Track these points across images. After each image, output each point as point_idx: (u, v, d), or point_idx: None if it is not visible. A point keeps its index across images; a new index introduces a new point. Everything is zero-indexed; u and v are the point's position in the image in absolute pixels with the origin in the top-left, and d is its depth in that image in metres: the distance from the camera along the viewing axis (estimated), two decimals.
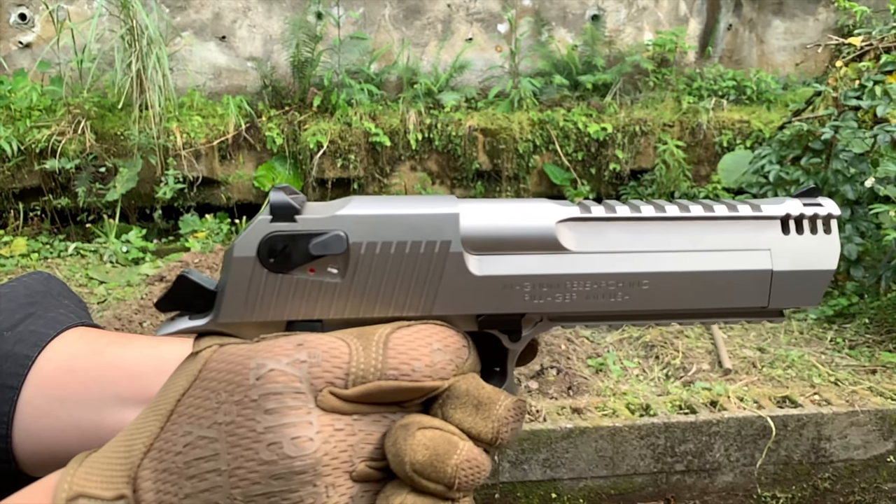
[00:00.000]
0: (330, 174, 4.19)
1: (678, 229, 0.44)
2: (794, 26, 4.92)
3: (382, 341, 0.38)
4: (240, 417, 0.36)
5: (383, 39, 4.58)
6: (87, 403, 0.54)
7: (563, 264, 0.42)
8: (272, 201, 0.39)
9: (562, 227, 0.43)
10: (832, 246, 0.45)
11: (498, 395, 0.39)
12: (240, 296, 0.40)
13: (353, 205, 0.41)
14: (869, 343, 2.73)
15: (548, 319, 0.44)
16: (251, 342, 0.38)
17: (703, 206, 0.44)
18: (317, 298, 0.40)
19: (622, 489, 2.17)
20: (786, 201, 0.45)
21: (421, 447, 0.37)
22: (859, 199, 2.95)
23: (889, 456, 2.24)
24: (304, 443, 0.36)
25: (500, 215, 0.42)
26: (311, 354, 0.37)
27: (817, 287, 0.45)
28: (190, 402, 0.37)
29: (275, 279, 0.40)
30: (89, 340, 0.57)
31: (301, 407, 0.36)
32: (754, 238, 0.44)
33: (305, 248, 0.39)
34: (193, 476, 0.36)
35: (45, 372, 0.54)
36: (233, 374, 0.37)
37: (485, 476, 0.38)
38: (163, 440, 0.37)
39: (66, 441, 0.53)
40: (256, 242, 0.39)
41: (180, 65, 4.33)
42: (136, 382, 0.54)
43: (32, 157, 3.88)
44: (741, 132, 4.31)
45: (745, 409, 2.21)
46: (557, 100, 4.44)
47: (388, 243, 0.40)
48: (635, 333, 2.81)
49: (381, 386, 0.37)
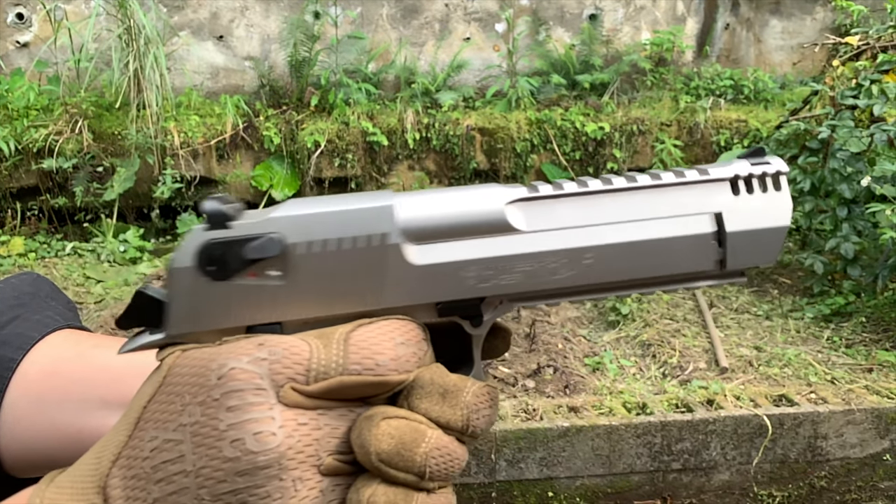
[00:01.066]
0: (327, 173, 4.19)
1: (627, 200, 0.44)
2: (791, 26, 4.92)
3: (343, 338, 0.38)
4: (203, 417, 0.36)
5: (381, 39, 4.58)
6: (69, 406, 0.54)
7: (510, 245, 0.43)
8: (205, 210, 0.40)
9: (511, 208, 0.43)
10: (784, 202, 0.45)
11: (464, 382, 0.39)
12: (184, 306, 0.40)
13: (287, 206, 0.41)
14: (865, 342, 2.73)
15: (507, 301, 0.44)
16: (213, 345, 0.39)
17: (651, 175, 0.45)
18: (262, 302, 0.40)
19: (619, 488, 2.17)
20: (733, 163, 0.45)
21: (386, 436, 0.37)
22: (856, 198, 2.96)
23: (885, 454, 2.25)
24: (267, 437, 0.36)
25: (443, 204, 0.42)
26: (271, 352, 0.37)
27: (773, 244, 0.45)
28: (155, 407, 0.37)
29: (217, 287, 0.40)
30: (74, 343, 0.57)
31: (263, 403, 0.36)
32: (705, 202, 0.44)
33: (241, 253, 0.39)
34: (161, 479, 0.36)
35: (29, 375, 0.54)
36: (196, 377, 0.37)
37: (461, 465, 0.38)
38: (130, 447, 0.37)
39: (49, 443, 0.53)
40: (193, 252, 0.39)
41: (178, 64, 4.33)
42: (119, 386, 0.54)
43: (30, 156, 3.87)
44: (739, 131, 4.31)
45: (741, 407, 2.21)
46: (555, 99, 4.44)
47: (325, 241, 0.40)
48: (632, 332, 2.81)
49: (343, 381, 0.37)
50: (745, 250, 0.45)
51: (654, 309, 2.99)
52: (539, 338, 2.70)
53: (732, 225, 0.44)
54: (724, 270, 0.45)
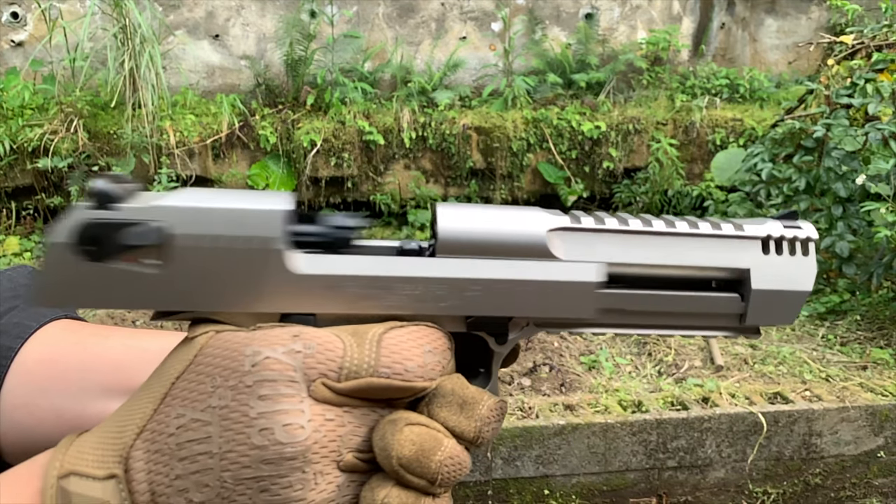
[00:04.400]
0: (324, 173, 4.19)
1: (664, 244, 0.45)
2: (786, 25, 4.93)
3: (376, 339, 0.39)
4: (234, 402, 0.36)
5: (377, 38, 4.58)
6: (68, 393, 0.54)
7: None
8: (91, 188, 0.39)
9: (552, 235, 0.44)
10: (809, 268, 0.46)
11: (482, 396, 0.40)
12: (53, 281, 0.39)
13: (179, 196, 0.40)
14: (860, 340, 2.74)
15: (534, 325, 0.45)
16: (247, 330, 0.39)
17: (689, 222, 0.45)
18: (136, 288, 0.40)
19: (614, 485, 2.17)
20: (767, 222, 0.46)
21: (408, 442, 0.38)
22: (851, 196, 2.97)
23: (879, 451, 2.26)
24: (296, 430, 0.36)
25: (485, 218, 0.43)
26: (306, 346, 0.38)
27: (793, 306, 0.46)
28: (184, 385, 0.38)
29: (90, 267, 0.39)
30: (72, 332, 0.58)
31: (294, 395, 0.37)
32: (736, 256, 0.45)
33: (119, 237, 0.39)
34: (185, 458, 0.36)
35: (27, 363, 0.54)
36: (229, 360, 0.37)
37: (465, 473, 0.40)
38: (156, 422, 0.38)
39: (48, 431, 0.54)
40: (71, 229, 0.39)
41: (173, 63, 4.32)
42: (118, 373, 0.54)
43: (25, 155, 3.86)
44: (734, 130, 4.32)
45: (736, 405, 2.22)
46: (551, 98, 4.44)
47: (208, 237, 0.39)
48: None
49: (373, 382, 0.38)
50: (765, 309, 0.46)
51: None
52: (535, 336, 2.71)
53: (758, 283, 0.45)
54: (742, 325, 0.46)
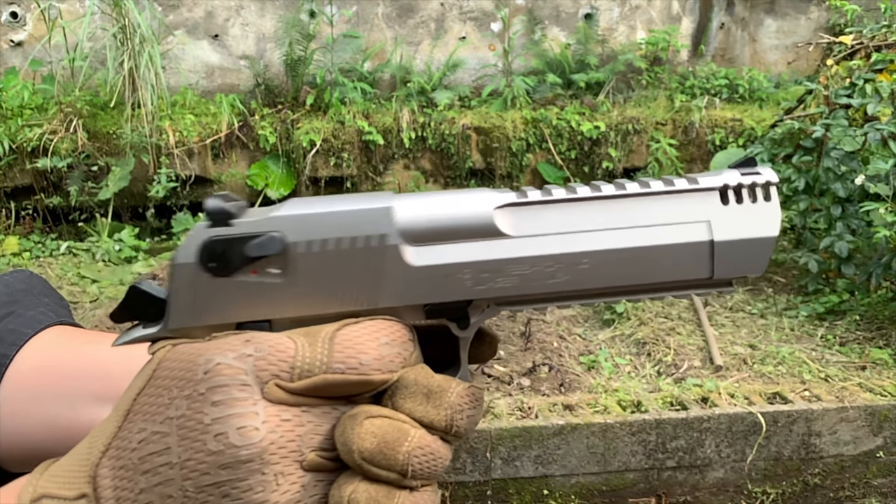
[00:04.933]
0: (323, 173, 4.19)
1: (616, 207, 0.44)
2: (786, 25, 4.93)
3: (328, 337, 0.39)
4: (189, 411, 0.37)
5: (376, 38, 4.58)
6: (61, 400, 0.54)
7: (503, 249, 0.43)
8: (208, 207, 0.40)
9: (499, 213, 0.43)
10: (773, 213, 0.45)
11: (449, 383, 0.40)
12: (185, 301, 0.41)
13: (289, 206, 0.42)
14: (859, 340, 2.74)
15: (494, 304, 0.45)
16: (202, 341, 0.39)
17: (640, 182, 0.45)
18: (262, 299, 0.41)
19: (614, 485, 2.18)
20: (723, 172, 0.45)
21: (368, 435, 0.37)
22: (850, 196, 2.97)
23: (878, 451, 2.26)
24: (250, 432, 0.36)
25: (437, 206, 0.43)
26: (256, 349, 0.38)
27: (761, 254, 0.45)
28: (144, 400, 0.38)
29: (217, 283, 0.41)
30: (66, 339, 0.58)
31: (247, 398, 0.37)
32: (693, 210, 0.44)
33: (243, 250, 0.40)
34: (147, 471, 0.37)
35: (21, 370, 0.55)
36: (184, 371, 0.38)
37: (444, 464, 0.39)
38: (119, 438, 0.38)
39: (42, 438, 0.54)
40: (196, 248, 0.40)
41: (173, 63, 4.32)
42: (111, 381, 0.54)
43: (24, 155, 3.86)
44: (733, 130, 4.32)
45: (735, 405, 2.22)
46: (550, 98, 4.44)
47: (325, 240, 0.41)
48: (627, 331, 2.82)
49: (327, 379, 0.38)
50: (733, 260, 0.45)
51: (649, 307, 3.00)
52: (534, 336, 2.71)
53: (721, 234, 0.44)
54: (712, 279, 0.45)
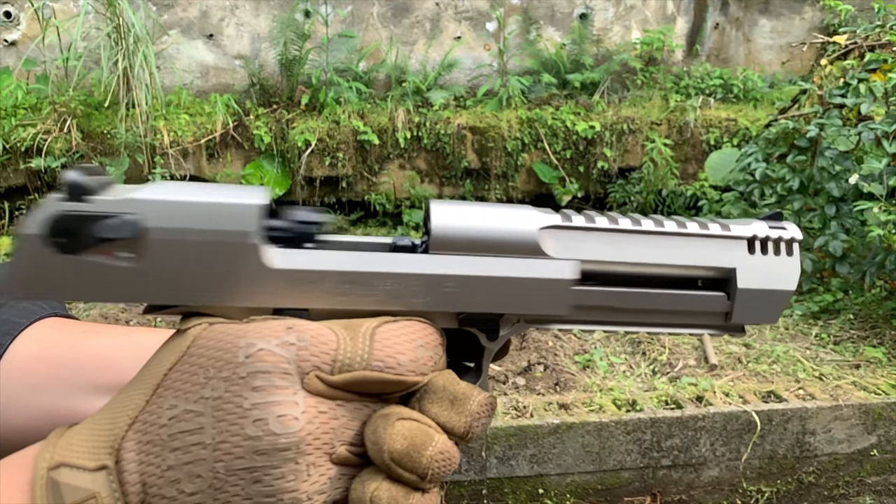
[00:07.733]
0: (318, 172, 4.19)
1: (652, 243, 0.45)
2: (780, 25, 4.95)
3: (369, 333, 0.39)
4: (227, 393, 0.37)
5: (371, 38, 4.58)
6: (59, 391, 0.54)
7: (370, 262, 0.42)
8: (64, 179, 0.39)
9: (544, 233, 0.44)
10: (793, 268, 0.47)
11: (472, 392, 0.41)
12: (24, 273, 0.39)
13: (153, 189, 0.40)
14: (853, 338, 2.75)
15: (524, 321, 0.46)
16: (241, 322, 0.39)
17: (677, 222, 0.46)
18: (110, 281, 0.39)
19: (609, 484, 2.18)
20: (753, 223, 0.47)
21: (399, 437, 0.38)
22: (844, 195, 2.98)
23: (872, 450, 2.26)
24: (290, 421, 0.36)
25: (480, 217, 0.43)
26: (300, 338, 0.38)
27: (777, 305, 0.47)
28: (177, 376, 0.38)
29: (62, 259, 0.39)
30: (62, 330, 0.58)
31: (288, 387, 0.37)
32: (722, 256, 0.46)
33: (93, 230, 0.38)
34: (177, 448, 0.36)
35: (16, 360, 0.54)
36: (222, 352, 0.37)
37: (454, 468, 0.40)
38: (148, 413, 0.38)
39: (38, 428, 0.53)
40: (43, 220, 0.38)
41: (167, 63, 4.31)
42: (109, 370, 0.54)
43: (18, 155, 3.85)
44: (728, 130, 4.33)
45: (730, 404, 2.22)
46: (546, 98, 4.45)
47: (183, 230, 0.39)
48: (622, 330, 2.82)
49: (366, 376, 0.38)
50: (751, 308, 0.46)
51: None
52: (529, 335, 2.71)
53: (744, 283, 0.46)
54: (727, 323, 0.47)
